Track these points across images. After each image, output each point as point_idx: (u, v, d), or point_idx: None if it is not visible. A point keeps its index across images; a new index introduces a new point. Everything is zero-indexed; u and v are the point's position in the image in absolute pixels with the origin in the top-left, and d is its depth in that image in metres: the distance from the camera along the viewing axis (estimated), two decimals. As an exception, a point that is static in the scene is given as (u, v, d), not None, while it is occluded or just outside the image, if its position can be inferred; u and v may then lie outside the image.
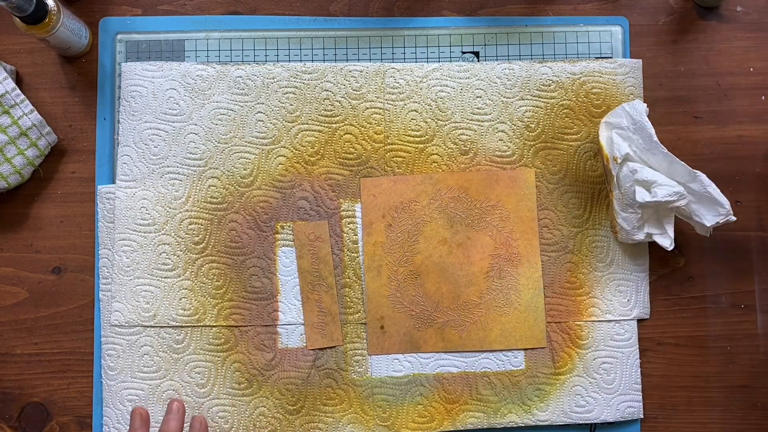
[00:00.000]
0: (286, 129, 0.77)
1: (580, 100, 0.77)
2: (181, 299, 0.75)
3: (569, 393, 0.75)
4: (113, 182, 0.77)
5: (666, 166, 0.71)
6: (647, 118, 0.71)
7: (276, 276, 0.76)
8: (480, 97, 0.77)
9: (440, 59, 0.79)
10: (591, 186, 0.77)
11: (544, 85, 0.77)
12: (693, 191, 0.70)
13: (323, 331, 0.75)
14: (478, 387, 0.75)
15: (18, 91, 0.75)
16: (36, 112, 0.75)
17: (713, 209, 0.70)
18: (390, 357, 0.75)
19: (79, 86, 0.78)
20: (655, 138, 0.70)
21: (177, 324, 0.75)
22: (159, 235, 0.75)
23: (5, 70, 0.75)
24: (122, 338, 0.75)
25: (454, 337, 0.75)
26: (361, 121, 0.77)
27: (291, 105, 0.77)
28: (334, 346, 0.75)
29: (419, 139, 0.77)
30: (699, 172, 0.70)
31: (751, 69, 0.79)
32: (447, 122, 0.77)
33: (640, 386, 0.76)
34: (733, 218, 0.70)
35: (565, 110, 0.77)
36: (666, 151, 0.70)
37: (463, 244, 0.76)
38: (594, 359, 0.76)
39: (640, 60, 0.78)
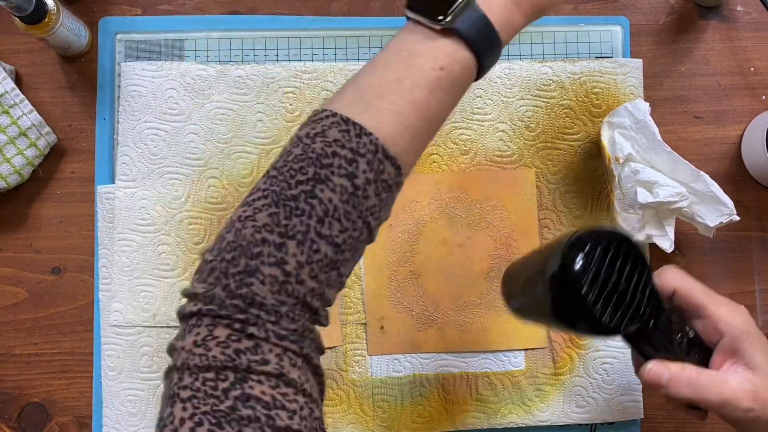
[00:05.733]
0: (286, 129, 0.77)
1: (580, 99, 0.77)
2: (180, 299, 0.75)
3: (569, 393, 0.75)
4: (113, 182, 0.77)
5: (669, 164, 0.71)
6: (650, 117, 0.71)
7: (276, 276, 0.75)
8: (480, 96, 0.77)
9: (440, 59, 0.79)
10: (591, 186, 0.77)
11: (544, 84, 0.77)
12: (696, 191, 0.70)
13: (323, 332, 0.75)
14: (478, 387, 0.75)
15: (17, 90, 0.74)
16: (35, 112, 0.75)
17: (716, 209, 0.70)
18: (390, 357, 0.75)
19: (78, 86, 0.78)
20: (659, 136, 0.70)
21: (177, 324, 0.75)
22: (159, 235, 0.75)
23: (5, 70, 0.75)
24: (122, 338, 0.75)
25: (454, 337, 0.75)
26: (361, 121, 0.77)
27: (291, 105, 0.77)
28: (334, 347, 0.75)
29: (419, 139, 0.77)
30: (702, 172, 0.70)
31: (751, 69, 0.79)
32: (447, 122, 0.77)
33: (641, 386, 0.76)
34: (737, 218, 0.70)
35: (565, 110, 0.77)
36: (669, 149, 0.70)
37: (463, 244, 0.76)
38: (594, 360, 0.76)
39: (641, 60, 0.78)
